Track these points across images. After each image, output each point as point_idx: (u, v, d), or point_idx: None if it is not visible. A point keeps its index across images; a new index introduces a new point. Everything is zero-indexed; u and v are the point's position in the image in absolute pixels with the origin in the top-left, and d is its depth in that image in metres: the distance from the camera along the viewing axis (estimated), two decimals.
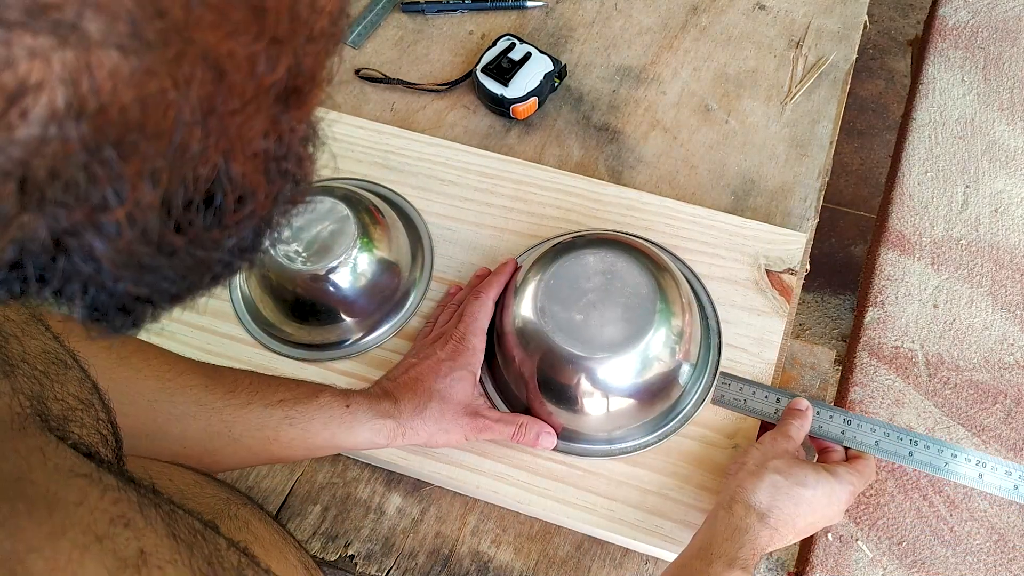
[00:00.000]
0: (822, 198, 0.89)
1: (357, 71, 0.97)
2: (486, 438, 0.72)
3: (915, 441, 0.71)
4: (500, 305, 0.76)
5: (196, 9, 0.20)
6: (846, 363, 0.83)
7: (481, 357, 0.74)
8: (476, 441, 0.72)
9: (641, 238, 0.81)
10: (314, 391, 0.67)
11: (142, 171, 0.21)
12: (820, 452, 0.73)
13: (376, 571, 0.73)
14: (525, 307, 0.72)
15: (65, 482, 0.31)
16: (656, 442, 0.74)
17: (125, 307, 0.25)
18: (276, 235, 0.28)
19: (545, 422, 0.73)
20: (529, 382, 0.72)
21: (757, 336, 0.78)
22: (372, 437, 0.67)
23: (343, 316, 0.78)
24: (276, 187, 0.26)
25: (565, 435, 0.74)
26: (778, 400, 0.74)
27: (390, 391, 0.70)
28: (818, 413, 0.72)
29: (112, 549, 0.30)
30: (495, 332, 0.77)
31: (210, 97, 0.21)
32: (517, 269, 0.77)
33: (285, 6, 0.22)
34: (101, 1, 0.18)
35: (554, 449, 0.74)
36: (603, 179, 0.89)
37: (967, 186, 0.89)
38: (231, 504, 0.53)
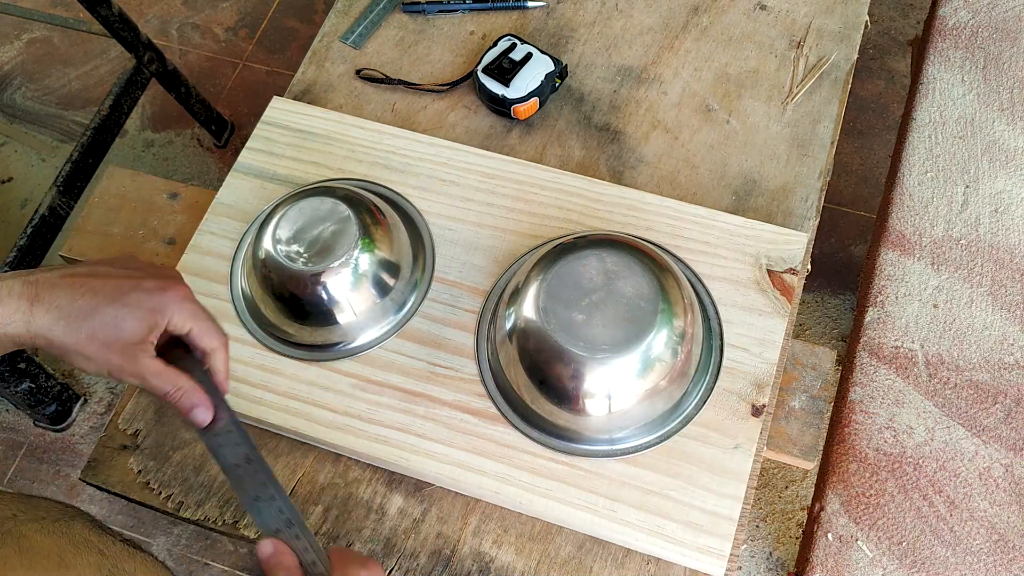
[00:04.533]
0: (823, 198, 0.89)
1: (358, 71, 0.97)
2: (134, 383, 0.63)
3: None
4: (502, 305, 0.76)
5: None
6: (846, 363, 0.83)
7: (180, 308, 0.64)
8: (123, 381, 0.64)
9: (642, 238, 0.81)
10: None
11: None
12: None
13: None
14: (527, 307, 0.72)
15: None
16: (658, 442, 0.74)
17: None
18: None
19: (537, 421, 0.74)
20: (531, 382, 0.72)
21: (759, 336, 0.78)
22: None
23: (344, 316, 0.78)
24: None
25: (567, 435, 0.74)
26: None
27: (43, 282, 0.59)
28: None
29: None
30: (496, 332, 0.77)
31: None
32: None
33: None
34: None
35: (556, 449, 0.74)
36: (604, 179, 0.89)
37: (967, 186, 0.89)
38: (5, 521, 0.51)
